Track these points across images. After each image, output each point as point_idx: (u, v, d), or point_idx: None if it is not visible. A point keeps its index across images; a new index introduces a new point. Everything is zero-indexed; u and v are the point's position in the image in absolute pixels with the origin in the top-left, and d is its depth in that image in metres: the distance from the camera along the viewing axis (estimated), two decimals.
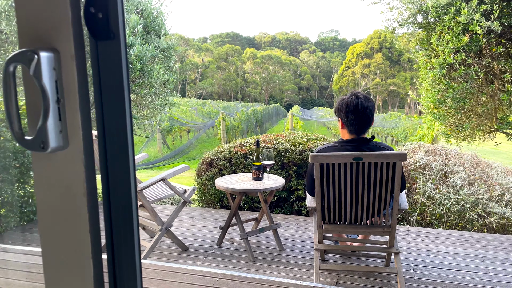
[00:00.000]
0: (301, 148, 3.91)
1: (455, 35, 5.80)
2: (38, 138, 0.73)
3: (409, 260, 2.87)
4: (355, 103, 2.38)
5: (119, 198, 0.87)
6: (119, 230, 0.87)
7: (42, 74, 0.73)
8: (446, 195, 3.52)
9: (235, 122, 17.30)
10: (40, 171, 0.79)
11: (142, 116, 5.79)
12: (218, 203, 4.22)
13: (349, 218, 2.45)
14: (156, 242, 2.88)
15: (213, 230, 3.53)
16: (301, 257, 2.95)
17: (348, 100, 2.41)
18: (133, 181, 0.87)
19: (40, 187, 0.80)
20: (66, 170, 0.79)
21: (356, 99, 2.38)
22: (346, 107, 2.41)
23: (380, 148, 2.40)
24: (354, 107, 2.37)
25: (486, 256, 2.91)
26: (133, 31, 4.68)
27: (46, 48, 0.75)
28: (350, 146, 2.40)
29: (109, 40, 0.81)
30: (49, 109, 0.73)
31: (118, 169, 0.86)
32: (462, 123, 6.67)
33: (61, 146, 0.76)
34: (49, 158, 0.78)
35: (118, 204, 0.87)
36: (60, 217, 0.82)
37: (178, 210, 3.04)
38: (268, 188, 2.86)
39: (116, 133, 0.84)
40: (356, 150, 2.37)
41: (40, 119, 0.73)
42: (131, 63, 4.54)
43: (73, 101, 0.77)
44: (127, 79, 0.82)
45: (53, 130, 0.74)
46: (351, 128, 2.43)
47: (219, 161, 4.14)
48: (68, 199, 0.81)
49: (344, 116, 2.42)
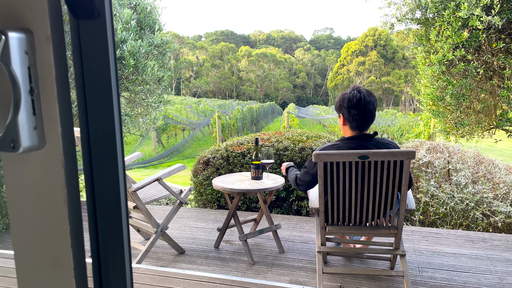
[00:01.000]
0: (301, 146, 3.80)
1: (454, 30, 5.71)
2: (7, 136, 0.61)
3: (414, 262, 2.77)
4: (357, 98, 2.25)
5: (106, 203, 0.75)
6: (106, 243, 0.75)
7: (11, 59, 0.60)
8: (449, 193, 3.43)
9: (231, 120, 17.17)
10: (11, 175, 0.66)
11: (136, 114, 5.65)
12: (215, 203, 4.10)
13: (354, 219, 2.34)
14: (151, 245, 2.76)
15: (210, 231, 3.42)
16: (302, 259, 2.84)
17: (350, 94, 2.28)
18: (122, 183, 0.75)
19: (12, 194, 0.67)
20: (42, 174, 0.67)
21: (358, 94, 2.26)
22: (348, 101, 2.28)
23: (385, 144, 2.29)
24: (356, 102, 2.25)
25: (493, 257, 2.82)
26: (126, 26, 4.54)
27: (16, 28, 0.62)
28: (353, 144, 2.28)
29: (93, 19, 0.68)
30: (20, 101, 0.61)
31: (105, 170, 0.74)
32: (461, 120, 6.60)
33: (36, 145, 0.64)
34: (22, 159, 0.65)
35: (104, 210, 0.75)
36: (36, 229, 0.70)
37: (174, 211, 2.92)
38: (268, 188, 2.74)
39: (102, 129, 0.72)
40: (360, 148, 2.25)
41: (9, 113, 0.61)
42: (124, 59, 4.40)
43: (50, 91, 0.65)
44: (114, 66, 0.69)
45: (25, 126, 0.62)
46: (353, 124, 2.30)
47: (216, 160, 4.02)
48: (45, 208, 0.69)
49: (346, 111, 2.29)
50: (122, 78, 4.63)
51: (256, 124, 25.75)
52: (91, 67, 0.70)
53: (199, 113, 24.10)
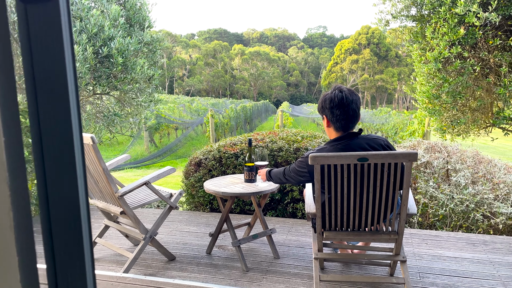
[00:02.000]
0: (296, 147, 3.68)
1: (450, 27, 5.63)
2: None
3: (415, 266, 2.67)
4: (339, 97, 2.19)
5: (63, 220, 0.62)
6: (63, 262, 0.62)
7: None
8: (449, 194, 3.33)
9: (224, 119, 17.02)
10: None
11: (126, 113, 5.49)
12: (207, 206, 3.97)
13: (352, 224, 2.23)
14: (139, 252, 2.62)
15: (202, 236, 3.29)
16: (298, 265, 2.72)
17: (331, 94, 2.22)
18: (82, 193, 0.63)
19: None
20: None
21: (340, 93, 2.20)
22: (330, 102, 2.21)
23: (373, 139, 2.22)
24: (339, 102, 2.18)
25: (495, 261, 2.72)
26: (114, 23, 4.38)
27: None
28: (340, 144, 2.19)
29: (43, 3, 0.55)
30: None
31: (61, 179, 0.61)
32: (457, 118, 6.52)
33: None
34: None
35: (61, 230, 0.63)
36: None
37: (164, 216, 2.79)
38: (262, 191, 2.62)
39: (57, 132, 0.59)
40: (347, 147, 2.16)
41: None
42: (112, 57, 4.25)
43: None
44: (71, 58, 0.56)
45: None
46: (337, 125, 2.23)
47: (208, 161, 3.89)
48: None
49: (329, 112, 2.22)
50: (111, 77, 4.47)
51: (249, 123, 25.61)
52: (43, 59, 0.57)
53: (192, 112, 23.91)
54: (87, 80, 4.38)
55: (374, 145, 2.21)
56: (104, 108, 5.34)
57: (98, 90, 4.80)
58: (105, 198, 2.69)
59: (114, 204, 2.64)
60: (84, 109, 5.28)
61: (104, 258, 2.88)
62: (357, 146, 2.18)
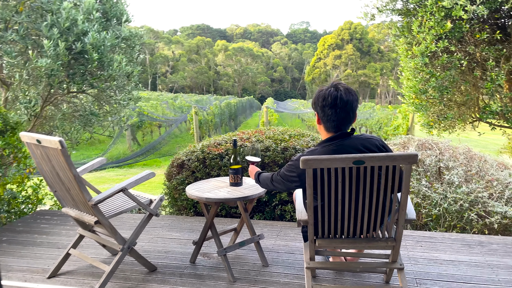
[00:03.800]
0: (283, 146, 3.51)
1: (437, 21, 5.53)
2: None
3: (411, 272, 2.53)
4: (333, 96, 1.97)
5: None
6: None
7: None
8: (442, 193, 3.21)
9: (208, 116, 16.75)
10: None
11: (104, 112, 5.23)
12: (191, 209, 3.77)
13: (347, 231, 2.07)
14: (116, 265, 2.41)
15: (185, 243, 3.09)
16: (289, 273, 2.55)
17: (325, 92, 2.01)
18: None
19: None
20: None
21: (335, 92, 1.98)
22: (322, 100, 2.00)
23: (367, 139, 2.03)
24: (332, 101, 1.97)
25: (493, 264, 2.61)
26: (89, 17, 4.12)
27: None
28: (332, 145, 2.00)
29: None
30: None
31: None
32: (444, 113, 6.46)
33: None
34: None
35: None
36: None
37: (143, 224, 2.58)
38: (248, 196, 2.44)
39: None
40: (340, 149, 1.98)
41: None
42: (87, 52, 3.99)
43: None
44: None
45: None
46: (328, 125, 2.03)
47: (191, 162, 3.68)
48: None
49: (321, 110, 2.03)
50: (86, 74, 4.21)
51: (234, 120, 25.38)
52: None
53: (175, 109, 23.53)
54: (60, 78, 4.11)
55: (369, 145, 2.04)
56: (81, 107, 5.06)
57: (73, 88, 4.53)
58: (78, 206, 2.47)
59: (88, 213, 2.43)
60: (60, 109, 5.00)
61: (78, 271, 2.66)
62: (351, 147, 2.00)
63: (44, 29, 3.85)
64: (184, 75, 63.95)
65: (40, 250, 3.02)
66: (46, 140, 2.22)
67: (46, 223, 3.59)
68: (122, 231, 3.35)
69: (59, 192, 2.52)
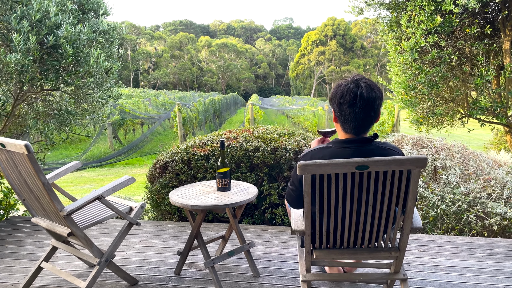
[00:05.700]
0: (273, 146, 3.32)
1: (427, 15, 5.41)
2: None
3: (411, 280, 2.38)
4: (352, 94, 1.71)
5: None
6: None
7: None
8: (439, 194, 3.08)
9: (192, 113, 16.43)
10: None
11: (82, 111, 4.94)
12: (175, 214, 3.55)
13: (347, 241, 1.90)
14: (93, 280, 2.19)
15: (170, 251, 2.87)
16: (282, 284, 2.37)
17: (344, 88, 1.74)
18: None
19: None
20: None
21: (355, 88, 1.71)
22: (340, 97, 1.74)
23: (388, 150, 1.81)
24: (351, 99, 1.71)
25: (496, 269, 2.48)
26: (62, 9, 3.83)
27: None
28: (349, 149, 1.77)
29: None
30: None
31: None
32: (433, 109, 6.36)
33: None
34: None
35: None
36: None
37: (123, 234, 2.36)
38: (238, 202, 2.24)
39: None
40: (358, 154, 1.76)
41: None
42: (60, 47, 3.71)
43: None
44: None
45: None
46: (346, 126, 1.77)
47: (175, 164, 3.46)
48: None
49: (337, 108, 1.77)
50: (60, 70, 3.93)
51: (219, 116, 25.08)
52: None
53: (158, 106, 23.09)
54: (32, 74, 3.82)
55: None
56: (56, 105, 4.76)
57: (46, 85, 4.24)
58: (49, 216, 2.23)
59: (60, 223, 2.19)
60: (34, 107, 4.69)
61: (51, 286, 2.42)
62: (369, 155, 1.75)
63: (13, 22, 3.55)
64: (167, 71, 63.09)
65: (10, 262, 2.76)
66: (11, 144, 1.97)
67: (17, 231, 3.32)
68: (101, 239, 3.11)
69: (28, 201, 2.28)
